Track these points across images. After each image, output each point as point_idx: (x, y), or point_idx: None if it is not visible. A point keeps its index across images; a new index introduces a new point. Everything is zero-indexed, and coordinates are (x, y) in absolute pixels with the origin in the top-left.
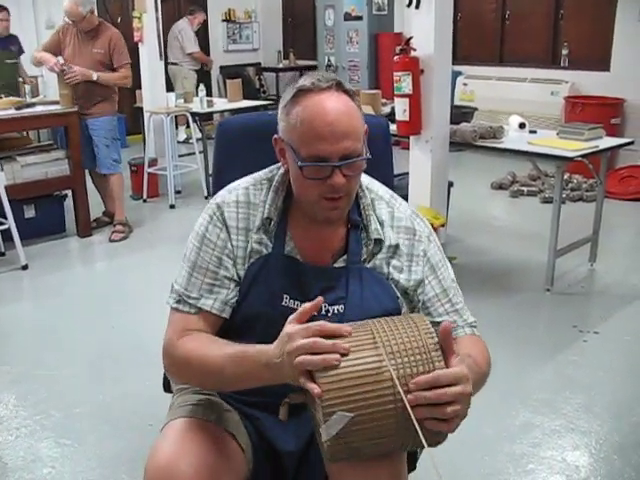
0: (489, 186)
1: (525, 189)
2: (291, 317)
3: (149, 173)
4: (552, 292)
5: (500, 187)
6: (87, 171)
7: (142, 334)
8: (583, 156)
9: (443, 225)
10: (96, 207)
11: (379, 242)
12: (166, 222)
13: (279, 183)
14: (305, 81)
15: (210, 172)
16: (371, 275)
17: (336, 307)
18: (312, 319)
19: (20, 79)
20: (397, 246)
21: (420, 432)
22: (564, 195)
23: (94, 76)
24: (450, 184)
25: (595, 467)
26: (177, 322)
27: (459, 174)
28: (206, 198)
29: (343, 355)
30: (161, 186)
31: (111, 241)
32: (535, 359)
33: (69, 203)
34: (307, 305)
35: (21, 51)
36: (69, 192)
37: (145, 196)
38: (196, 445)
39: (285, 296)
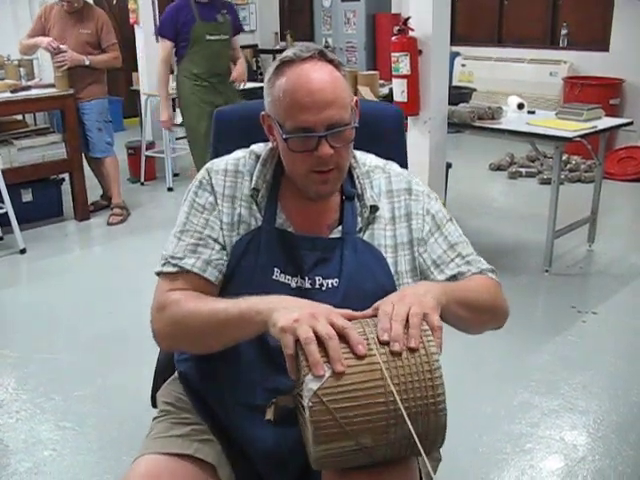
0: (487, 167)
1: (523, 170)
2: (334, 310)
3: (146, 156)
4: (550, 273)
5: (498, 168)
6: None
7: (141, 317)
8: (582, 136)
9: None
10: (94, 191)
11: (375, 209)
12: (164, 205)
13: (267, 156)
14: (288, 52)
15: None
16: (367, 247)
17: (330, 281)
18: (305, 294)
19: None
20: (393, 215)
21: (415, 436)
22: (562, 176)
23: (86, 61)
24: (448, 165)
25: (593, 446)
26: (162, 285)
27: (457, 156)
28: None
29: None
30: (158, 169)
31: (109, 224)
32: (534, 340)
33: (67, 187)
34: (352, 312)
35: (237, 26)
36: (66, 176)
37: (143, 179)
38: None
39: (276, 269)
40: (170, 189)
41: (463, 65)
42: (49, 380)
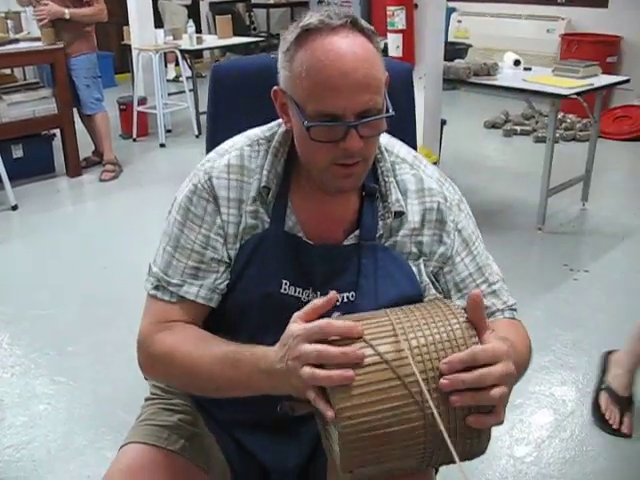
0: (482, 125)
1: (518, 128)
2: (297, 313)
3: (138, 112)
4: (544, 231)
5: (493, 126)
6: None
7: (134, 274)
8: (578, 94)
9: (436, 163)
10: (86, 147)
11: (400, 215)
12: (156, 161)
13: (279, 144)
14: (312, 18)
15: (201, 110)
16: (388, 255)
17: (346, 294)
18: None
19: None
20: (423, 218)
21: (450, 443)
22: (557, 134)
23: (66, 14)
24: (443, 122)
25: (582, 401)
26: (155, 313)
27: (452, 113)
28: (197, 137)
29: (357, 365)
30: (151, 125)
31: (101, 181)
32: (526, 297)
33: (58, 143)
34: (318, 301)
35: None
36: (57, 131)
37: (135, 135)
38: None
39: (284, 282)
40: (162, 145)
41: (459, 21)
42: (43, 336)
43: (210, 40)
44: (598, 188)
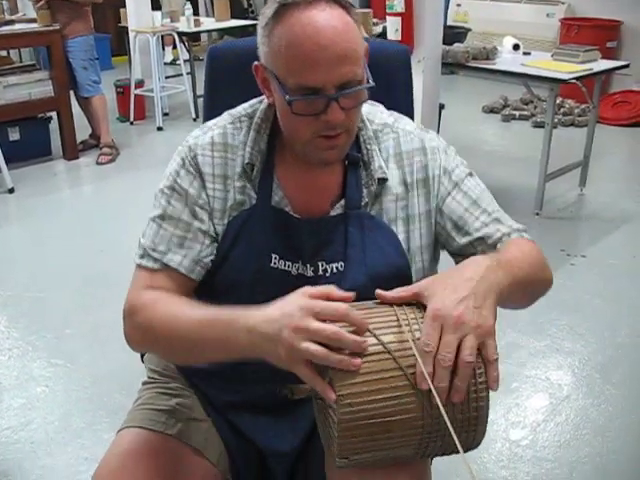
0: (480, 110)
1: (517, 113)
2: (308, 288)
3: (136, 95)
4: (541, 216)
5: (492, 111)
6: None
7: (131, 256)
8: (577, 78)
9: None
10: (83, 130)
11: (383, 182)
12: (154, 144)
13: (262, 120)
14: None
15: (198, 94)
16: (374, 223)
17: (334, 265)
18: (307, 282)
19: None
20: (405, 182)
21: (454, 434)
22: (556, 120)
23: None
24: (441, 106)
25: (577, 385)
26: (139, 280)
27: (450, 97)
28: (194, 120)
29: (360, 354)
30: (148, 108)
31: (98, 164)
32: None
33: (55, 125)
34: (335, 291)
35: None
36: (54, 114)
37: (132, 118)
38: (144, 468)
39: (274, 256)
40: (160, 128)
41: (458, 5)
42: (40, 318)
43: (208, 23)
44: (596, 173)
